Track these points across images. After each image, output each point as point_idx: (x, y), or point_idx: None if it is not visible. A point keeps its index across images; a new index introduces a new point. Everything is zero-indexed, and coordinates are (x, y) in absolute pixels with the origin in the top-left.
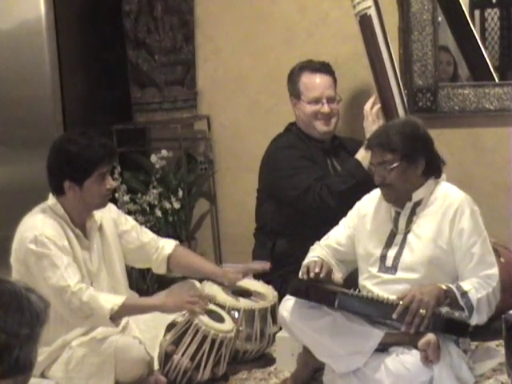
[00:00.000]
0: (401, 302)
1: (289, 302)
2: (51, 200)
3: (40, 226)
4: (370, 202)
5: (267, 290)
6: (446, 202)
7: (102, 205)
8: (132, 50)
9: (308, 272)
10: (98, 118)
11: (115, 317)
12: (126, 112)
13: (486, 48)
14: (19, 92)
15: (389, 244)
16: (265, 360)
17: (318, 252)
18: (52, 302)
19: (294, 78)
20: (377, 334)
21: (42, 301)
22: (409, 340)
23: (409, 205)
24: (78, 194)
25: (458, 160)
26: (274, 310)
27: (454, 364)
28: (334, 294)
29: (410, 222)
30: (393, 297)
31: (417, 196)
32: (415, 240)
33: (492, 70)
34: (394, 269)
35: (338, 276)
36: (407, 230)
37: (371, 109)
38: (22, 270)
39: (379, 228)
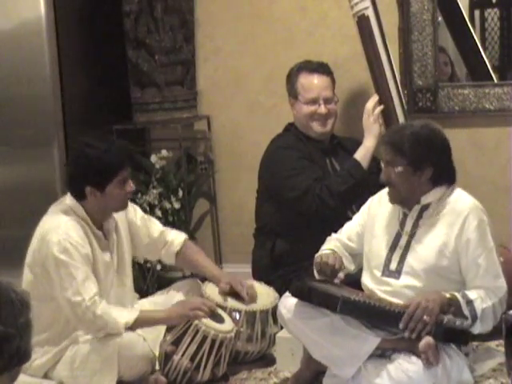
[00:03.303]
0: (405, 310)
1: (288, 299)
2: (70, 200)
3: (64, 229)
4: (381, 202)
5: (268, 292)
6: (454, 210)
7: (123, 207)
8: (132, 49)
9: (320, 265)
10: (97, 118)
11: (128, 331)
12: (126, 112)
13: (485, 48)
14: (19, 92)
15: (394, 246)
16: (265, 360)
17: (332, 244)
18: (65, 311)
19: (291, 78)
20: (373, 340)
21: (23, 291)
22: (406, 346)
23: (416, 207)
24: (99, 199)
25: (458, 160)
26: (275, 311)
27: (458, 367)
28: (336, 298)
29: (416, 225)
30: (395, 300)
31: (425, 200)
32: (420, 246)
33: (491, 70)
34: (397, 273)
35: (351, 268)
36: (412, 233)
37: (373, 108)
38: (37, 271)
39: (386, 229)
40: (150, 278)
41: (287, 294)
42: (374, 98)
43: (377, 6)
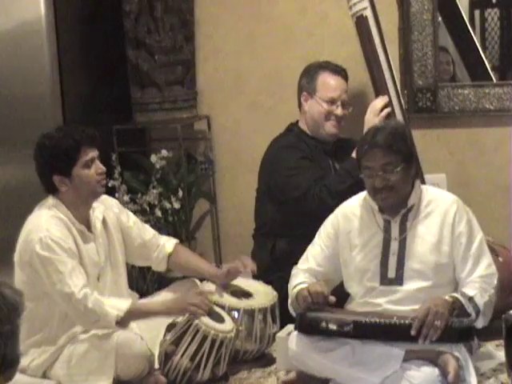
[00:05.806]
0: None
1: (296, 336)
2: (51, 198)
3: (45, 226)
4: (348, 218)
5: (267, 290)
6: (441, 207)
7: (97, 192)
8: (132, 49)
9: (311, 295)
10: (98, 118)
11: (121, 322)
12: (126, 112)
13: (485, 48)
14: (19, 92)
15: (385, 254)
16: (265, 360)
17: (301, 277)
18: (61, 305)
19: (311, 73)
20: (398, 355)
21: (16, 292)
22: (430, 355)
23: (403, 211)
24: (70, 186)
25: (458, 160)
26: (273, 309)
27: (467, 372)
28: (347, 324)
29: (403, 228)
30: (403, 308)
31: (411, 201)
32: (416, 248)
33: (490, 70)
34: (399, 279)
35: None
36: (402, 237)
37: (381, 109)
38: (27, 271)
39: (369, 241)
40: (150, 277)
41: (294, 332)
42: (384, 99)
43: (375, 6)
